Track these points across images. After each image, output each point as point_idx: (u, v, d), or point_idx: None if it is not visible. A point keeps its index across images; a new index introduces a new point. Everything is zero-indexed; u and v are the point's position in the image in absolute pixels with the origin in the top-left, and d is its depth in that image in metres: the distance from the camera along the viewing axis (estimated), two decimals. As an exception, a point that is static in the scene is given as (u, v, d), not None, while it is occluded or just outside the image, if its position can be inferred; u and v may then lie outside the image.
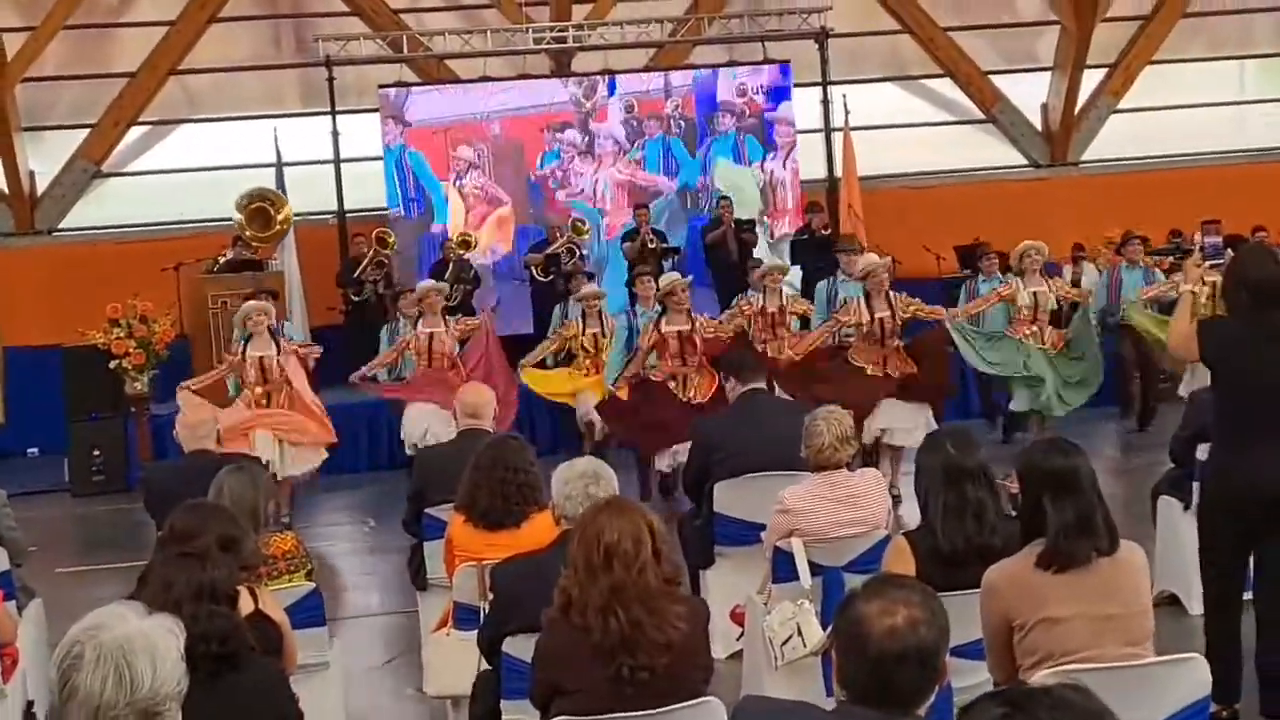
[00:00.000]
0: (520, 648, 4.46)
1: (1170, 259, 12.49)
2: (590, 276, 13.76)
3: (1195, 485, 6.01)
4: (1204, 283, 6.11)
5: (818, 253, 15.72)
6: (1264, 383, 5.35)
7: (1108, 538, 4.24)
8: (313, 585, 5.68)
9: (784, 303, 11.70)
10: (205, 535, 4.33)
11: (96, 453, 13.55)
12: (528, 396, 12.33)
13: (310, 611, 5.61)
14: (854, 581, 5.66)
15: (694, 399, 10.72)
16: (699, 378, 10.86)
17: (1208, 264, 6.00)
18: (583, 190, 17.19)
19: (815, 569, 5.83)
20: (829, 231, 16.09)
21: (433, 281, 12.87)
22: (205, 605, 3.82)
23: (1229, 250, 5.94)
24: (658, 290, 11.46)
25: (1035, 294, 11.59)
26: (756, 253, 15.73)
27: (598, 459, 5.12)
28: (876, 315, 10.74)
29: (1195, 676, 4.08)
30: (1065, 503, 4.22)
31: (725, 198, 16.41)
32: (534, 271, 15.59)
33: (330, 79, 16.49)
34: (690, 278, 11.90)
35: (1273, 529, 5.37)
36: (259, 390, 10.99)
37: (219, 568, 3.93)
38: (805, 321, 11.79)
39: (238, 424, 10.45)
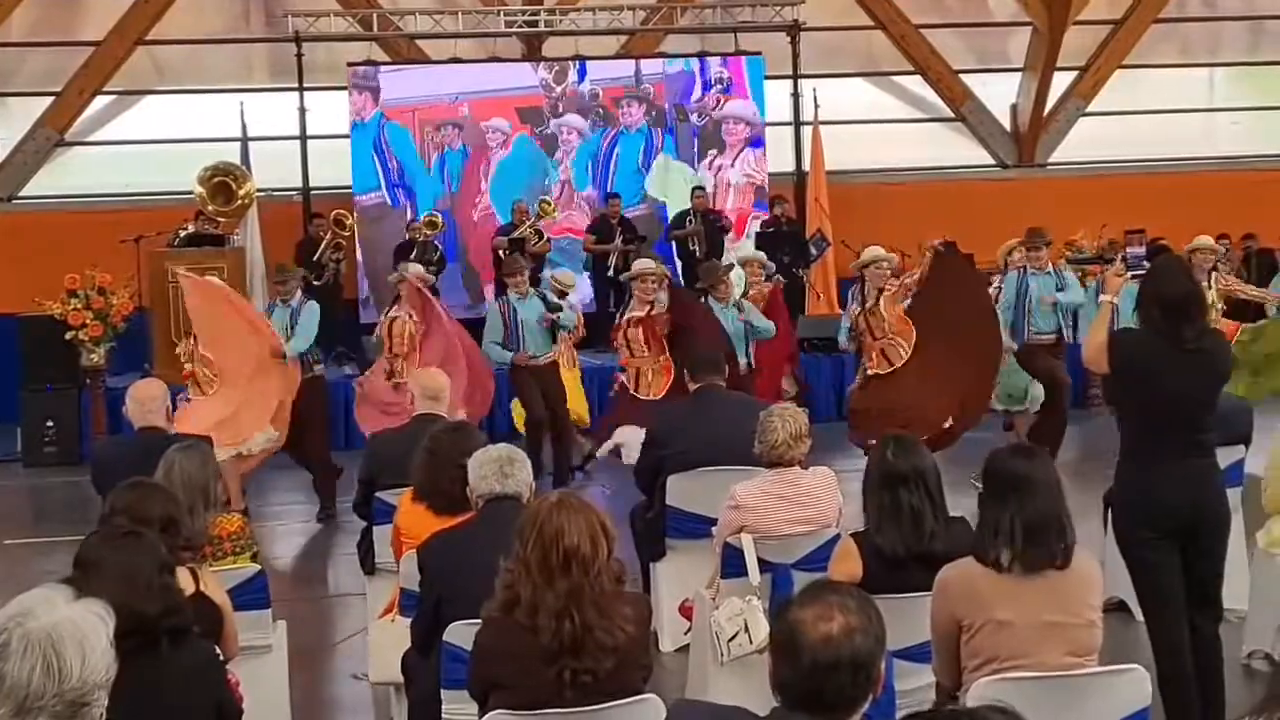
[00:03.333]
0: (461, 636, 4.43)
1: (1095, 265, 12.04)
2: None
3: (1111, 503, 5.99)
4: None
5: (784, 244, 15.80)
6: (1177, 396, 5.35)
7: (1062, 547, 4.25)
8: (258, 567, 5.65)
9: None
10: (145, 514, 4.30)
11: (50, 424, 13.42)
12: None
13: (255, 593, 5.58)
14: (803, 579, 5.71)
15: (650, 395, 10.08)
16: (654, 371, 10.45)
17: (1129, 274, 5.97)
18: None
19: (764, 566, 5.84)
20: (793, 221, 16.24)
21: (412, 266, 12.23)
22: (145, 581, 3.78)
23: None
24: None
25: None
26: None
27: (513, 446, 5.10)
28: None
29: (1135, 687, 4.09)
30: (1022, 507, 4.24)
31: (700, 188, 16.44)
32: (500, 255, 15.52)
33: (299, 55, 16.39)
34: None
35: (1190, 544, 5.39)
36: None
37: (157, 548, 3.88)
38: None
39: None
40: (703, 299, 10.85)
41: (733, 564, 5.89)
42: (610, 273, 15.69)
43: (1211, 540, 5.44)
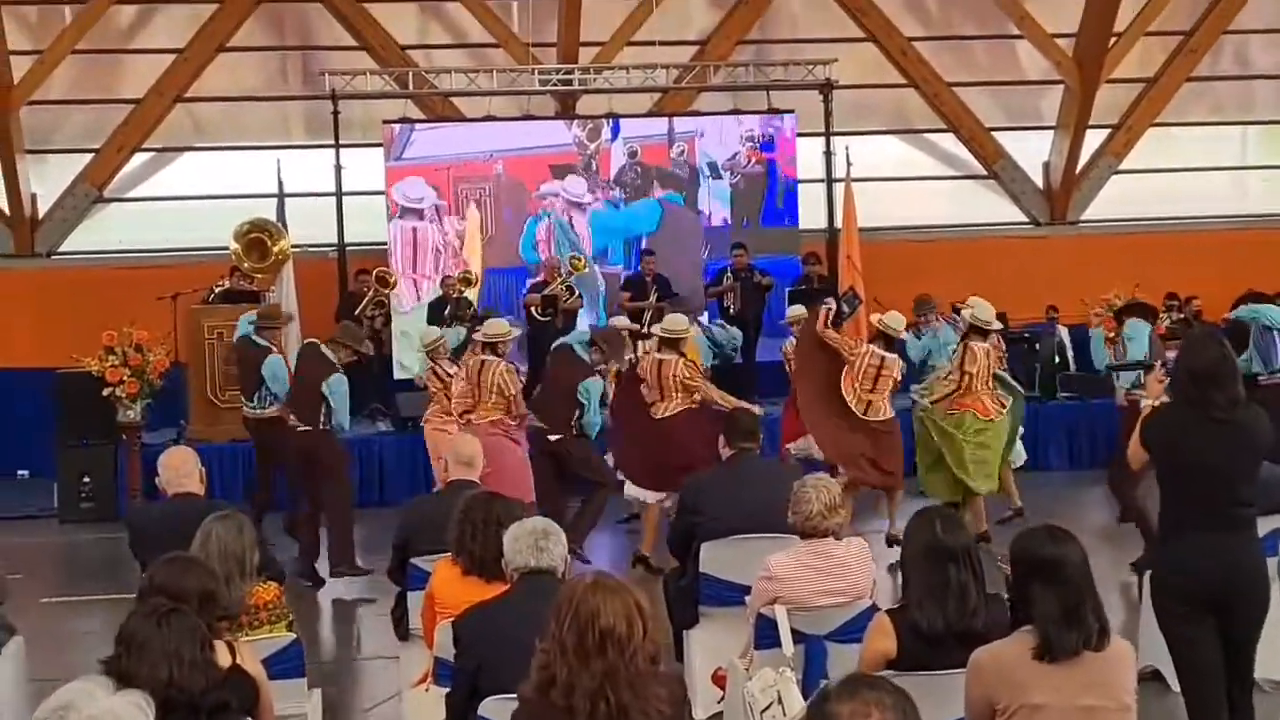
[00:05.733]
0: (495, 711, 4.43)
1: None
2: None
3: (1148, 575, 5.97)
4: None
5: (816, 302, 15.80)
6: (1206, 467, 5.35)
7: (1097, 631, 4.21)
8: (293, 636, 5.66)
9: None
10: (181, 590, 4.33)
11: (86, 479, 13.52)
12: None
13: (290, 662, 5.58)
14: (836, 651, 5.70)
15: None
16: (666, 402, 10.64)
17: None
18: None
19: (798, 637, 5.82)
20: (825, 280, 16.27)
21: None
22: (188, 658, 3.81)
23: None
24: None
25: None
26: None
27: (549, 520, 5.11)
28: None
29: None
30: (1053, 592, 4.20)
31: (740, 245, 16.47)
32: (532, 311, 15.61)
33: (335, 112, 16.55)
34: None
35: (1225, 616, 5.37)
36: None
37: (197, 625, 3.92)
38: None
39: None
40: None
41: (766, 635, 5.88)
42: (644, 329, 15.71)
43: (1248, 611, 5.41)
